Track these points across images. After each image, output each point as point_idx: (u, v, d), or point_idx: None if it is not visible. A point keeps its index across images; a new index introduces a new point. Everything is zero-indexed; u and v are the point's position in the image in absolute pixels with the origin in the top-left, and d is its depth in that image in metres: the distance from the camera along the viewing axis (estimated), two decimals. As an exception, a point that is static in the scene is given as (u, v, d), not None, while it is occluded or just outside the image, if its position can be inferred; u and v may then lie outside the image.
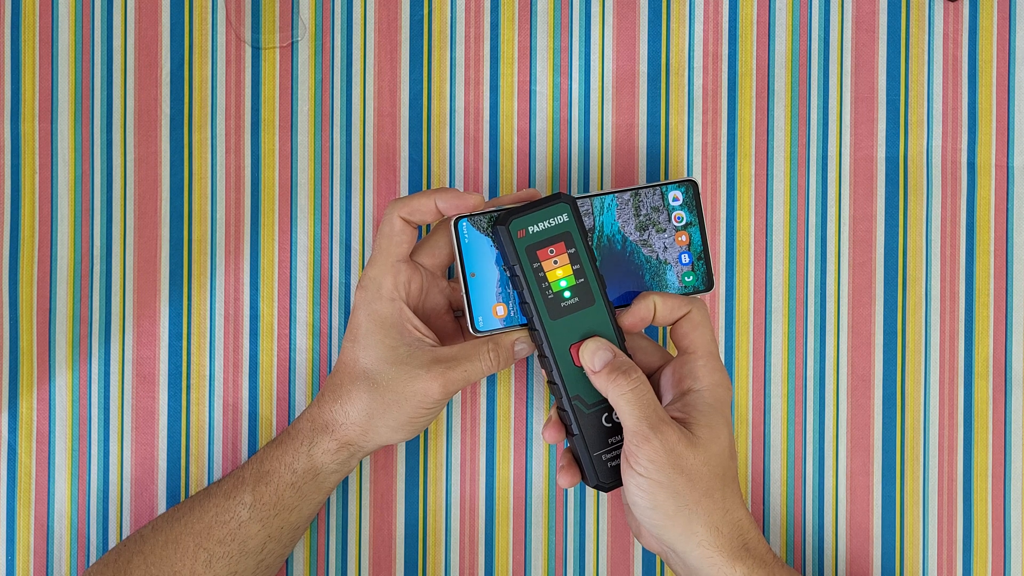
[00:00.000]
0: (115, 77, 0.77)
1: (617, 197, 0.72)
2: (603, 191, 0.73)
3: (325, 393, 0.71)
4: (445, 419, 0.78)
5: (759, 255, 0.78)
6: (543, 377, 0.77)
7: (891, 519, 0.78)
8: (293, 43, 0.77)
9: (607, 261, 0.72)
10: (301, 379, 0.77)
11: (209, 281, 0.77)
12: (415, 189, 0.78)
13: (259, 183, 0.77)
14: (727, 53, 0.78)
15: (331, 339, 0.77)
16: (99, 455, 0.77)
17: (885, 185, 0.78)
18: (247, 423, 0.77)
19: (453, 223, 0.70)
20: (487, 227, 0.70)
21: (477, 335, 0.70)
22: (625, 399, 0.67)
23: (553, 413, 0.72)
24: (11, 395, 0.77)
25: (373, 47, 0.78)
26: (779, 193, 0.78)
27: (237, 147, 0.77)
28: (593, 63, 0.78)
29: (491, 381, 0.78)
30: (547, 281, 0.69)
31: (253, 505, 0.70)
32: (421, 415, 0.70)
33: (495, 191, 0.78)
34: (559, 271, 0.69)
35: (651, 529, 0.68)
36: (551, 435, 0.71)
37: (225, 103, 0.77)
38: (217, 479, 0.75)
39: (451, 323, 0.74)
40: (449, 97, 0.78)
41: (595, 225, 0.71)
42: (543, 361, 0.70)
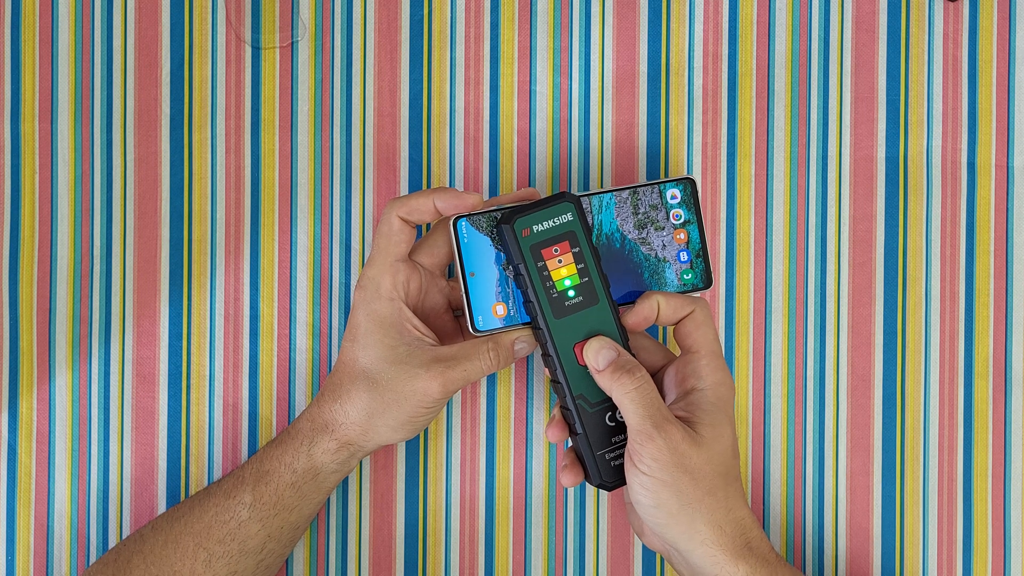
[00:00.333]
0: (115, 77, 0.77)
1: (615, 195, 0.72)
2: (601, 189, 0.74)
3: (325, 393, 0.71)
4: (445, 419, 0.78)
5: (759, 255, 0.78)
6: (545, 376, 0.77)
7: (891, 519, 0.78)
8: (293, 43, 0.78)
9: (606, 259, 0.72)
10: (301, 379, 0.77)
11: (209, 281, 0.77)
12: (415, 189, 0.78)
13: (259, 183, 0.77)
14: (727, 53, 0.78)
15: (331, 339, 0.77)
16: (99, 455, 0.77)
17: (885, 185, 0.78)
18: (247, 423, 0.77)
19: (452, 223, 0.70)
20: (486, 227, 0.70)
21: (477, 335, 0.70)
22: (629, 398, 0.67)
23: (556, 412, 0.71)
24: (11, 395, 0.77)
25: (373, 47, 0.78)
26: (779, 193, 0.78)
27: (237, 147, 0.77)
28: (593, 63, 0.78)
29: (491, 381, 0.78)
30: (551, 280, 0.69)
31: (253, 505, 0.70)
32: (421, 414, 0.70)
33: (495, 191, 0.78)
34: (563, 270, 0.69)
35: (654, 528, 0.68)
36: (554, 434, 0.71)
37: (225, 103, 0.77)
38: (217, 479, 0.75)
39: (450, 322, 0.74)
40: (449, 97, 0.78)
41: (593, 224, 0.71)
42: (547, 360, 0.70)
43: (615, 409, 0.70)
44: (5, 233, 0.77)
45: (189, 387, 0.77)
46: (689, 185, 0.73)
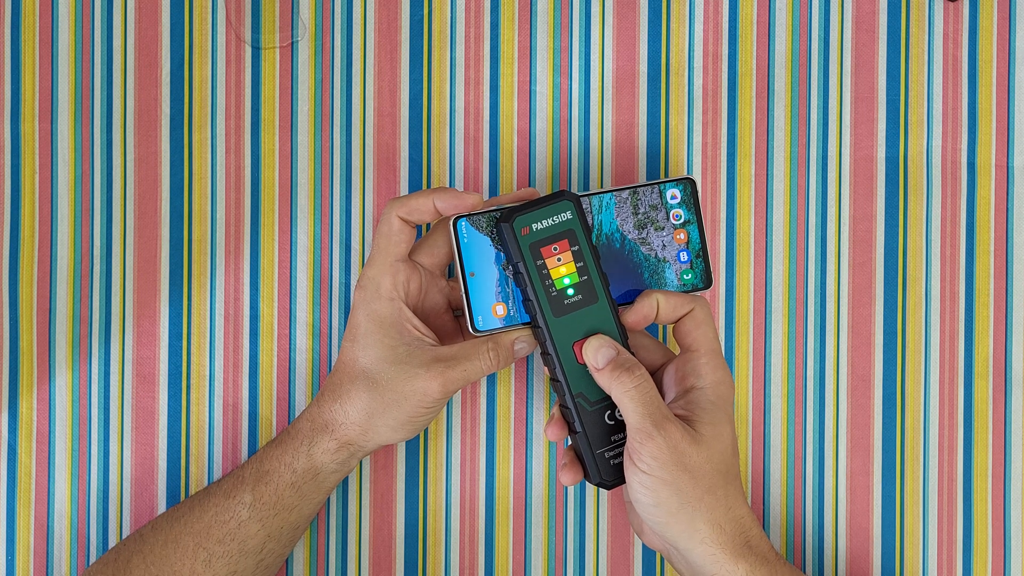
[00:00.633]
0: (115, 77, 0.77)
1: (615, 195, 0.72)
2: (601, 190, 0.73)
3: (325, 393, 0.71)
4: (445, 419, 0.78)
5: (759, 255, 0.78)
6: (545, 375, 0.77)
7: (891, 519, 0.78)
8: (293, 43, 0.78)
9: (605, 259, 0.72)
10: (301, 379, 0.77)
11: (209, 281, 0.77)
12: (415, 189, 0.78)
13: (259, 183, 0.77)
14: (727, 53, 0.78)
15: (331, 339, 0.77)
16: (99, 455, 0.77)
17: (885, 185, 0.78)
18: (247, 423, 0.77)
19: (452, 223, 0.70)
20: (486, 227, 0.70)
21: (477, 335, 0.70)
22: (629, 396, 0.67)
23: (555, 411, 0.71)
24: (11, 395, 0.77)
25: (373, 47, 0.78)
26: (779, 193, 0.78)
27: (237, 147, 0.77)
28: (593, 63, 0.78)
29: (491, 381, 0.78)
30: (551, 279, 0.69)
31: (253, 505, 0.70)
32: (421, 414, 0.70)
33: (495, 191, 0.78)
34: (562, 268, 0.69)
35: (654, 526, 0.68)
36: (554, 433, 0.71)
37: (225, 103, 0.77)
38: (217, 479, 0.75)
39: (450, 322, 0.74)
40: (449, 97, 0.78)
41: (593, 224, 0.71)
42: (546, 359, 0.70)
43: (614, 408, 0.70)
44: (5, 233, 0.77)
45: (189, 387, 0.77)
46: (689, 185, 0.73)
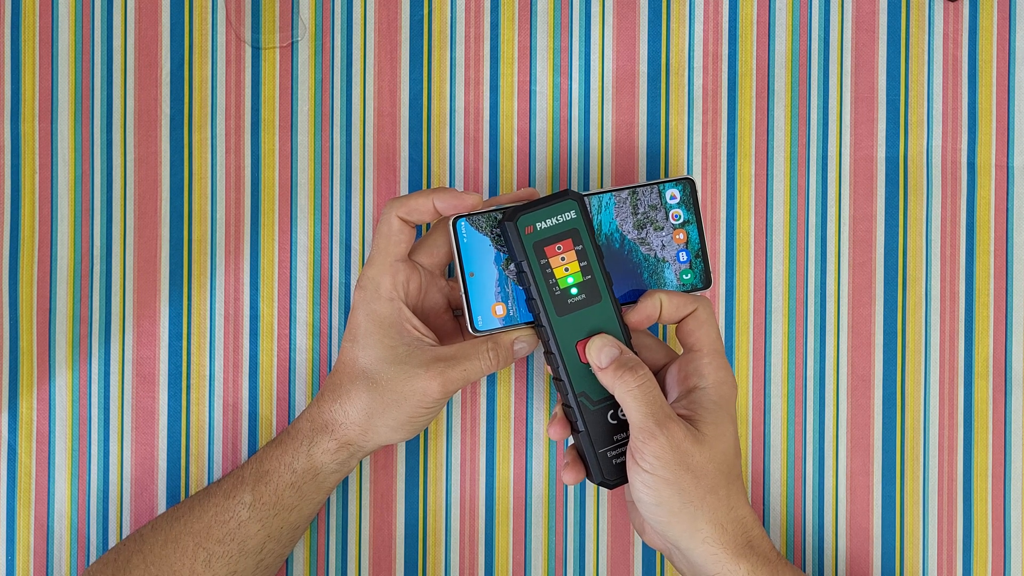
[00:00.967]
0: (115, 77, 0.77)
1: (615, 195, 0.72)
2: (601, 190, 0.73)
3: (325, 393, 0.71)
4: (445, 419, 0.78)
5: (759, 255, 0.78)
6: (546, 376, 0.77)
7: (891, 519, 0.77)
8: (293, 43, 0.78)
9: (605, 259, 0.72)
10: (301, 379, 0.77)
11: (209, 281, 0.77)
12: (415, 189, 0.78)
13: (259, 183, 0.77)
14: (727, 53, 0.78)
15: (331, 339, 0.77)
16: (99, 455, 0.77)
17: (885, 185, 0.78)
18: (247, 423, 0.77)
19: (452, 223, 0.70)
20: (486, 227, 0.70)
21: (476, 335, 0.70)
22: (632, 395, 0.67)
23: (558, 410, 0.72)
24: (11, 395, 0.77)
25: (373, 47, 0.78)
26: (779, 193, 0.78)
27: (237, 147, 0.77)
28: (593, 63, 0.78)
29: (491, 381, 0.78)
30: (554, 278, 0.69)
31: (253, 505, 0.70)
32: (420, 414, 0.70)
33: (495, 191, 0.78)
34: (566, 268, 0.69)
35: (655, 526, 0.68)
36: (556, 432, 0.71)
37: (225, 103, 0.77)
38: (217, 479, 0.75)
39: (450, 322, 0.74)
40: (449, 97, 0.78)
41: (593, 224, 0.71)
42: (549, 358, 0.70)
43: (617, 407, 0.70)
44: (5, 233, 0.77)
45: (189, 387, 0.77)
46: (688, 185, 0.73)
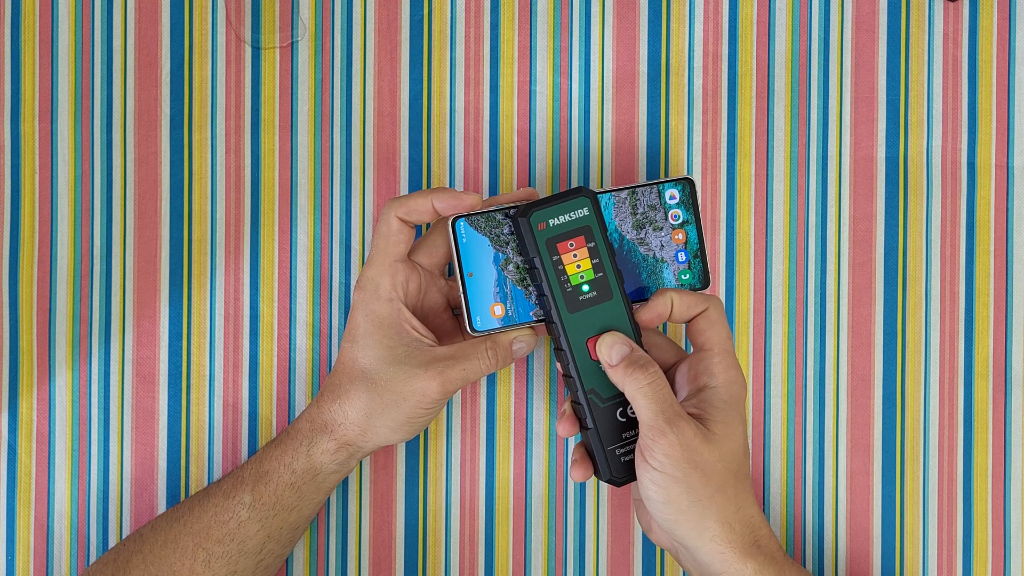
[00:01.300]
0: (115, 77, 0.77)
1: (614, 195, 0.72)
2: (600, 189, 0.73)
3: (324, 393, 0.71)
4: (445, 419, 0.78)
5: (759, 255, 0.78)
6: (548, 374, 0.77)
7: (891, 519, 0.77)
8: (293, 43, 0.78)
9: (605, 260, 0.72)
10: (301, 379, 0.77)
11: (209, 281, 0.77)
12: (415, 189, 0.78)
13: (259, 183, 0.77)
14: (727, 53, 0.78)
15: (331, 339, 0.77)
16: (99, 455, 0.77)
17: (885, 185, 0.78)
18: (247, 423, 0.77)
19: (451, 223, 0.70)
20: (485, 227, 0.70)
21: (475, 335, 0.70)
22: (642, 393, 0.67)
23: (567, 407, 0.72)
24: (11, 395, 0.77)
25: (373, 47, 0.78)
26: (779, 193, 0.78)
27: (237, 147, 0.77)
28: (593, 63, 0.78)
29: (491, 381, 0.78)
30: (566, 274, 0.69)
31: (252, 505, 0.70)
32: (420, 415, 0.70)
33: (495, 191, 0.78)
34: (578, 264, 0.69)
35: (663, 524, 0.68)
36: (565, 428, 0.71)
37: (225, 103, 0.77)
38: (217, 479, 0.75)
39: (450, 321, 0.74)
40: (449, 97, 0.78)
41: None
42: (559, 354, 0.70)
43: (627, 405, 0.70)
44: (5, 233, 0.77)
45: (189, 387, 0.77)
46: (687, 185, 0.73)
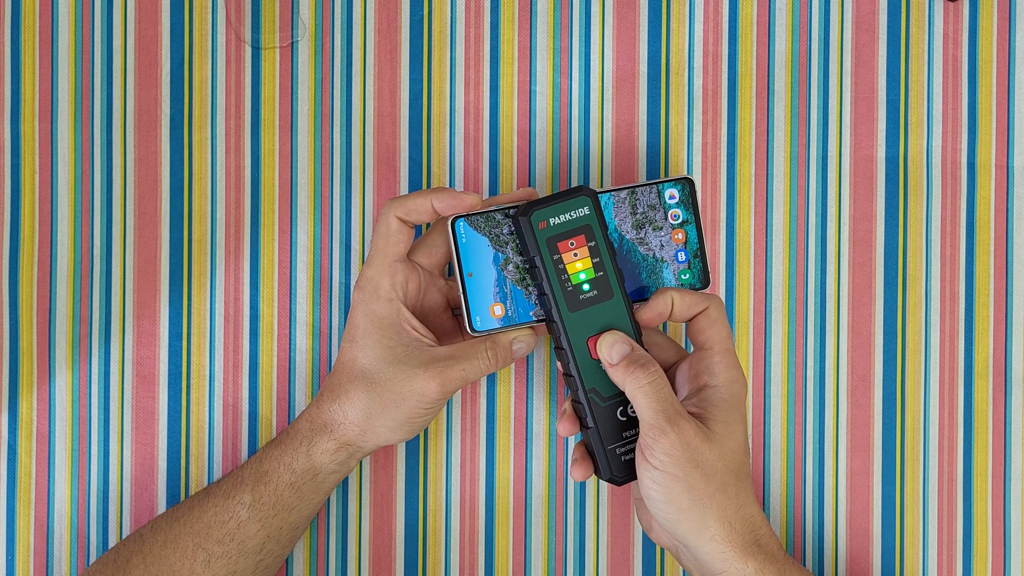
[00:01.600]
0: (115, 77, 0.77)
1: (614, 195, 0.72)
2: (599, 189, 0.74)
3: (324, 393, 0.71)
4: (445, 419, 0.78)
5: (759, 255, 0.78)
6: (548, 374, 0.77)
7: (891, 519, 0.77)
8: (293, 43, 0.78)
9: (604, 260, 0.72)
10: (301, 379, 0.77)
11: (209, 281, 0.77)
12: (415, 189, 0.78)
13: (259, 183, 0.77)
14: (727, 53, 0.78)
15: (331, 339, 0.77)
16: (99, 455, 0.77)
17: (885, 185, 0.78)
18: (247, 423, 0.77)
19: (450, 223, 0.70)
20: (484, 227, 0.70)
21: (474, 335, 0.70)
22: (643, 392, 0.67)
23: (568, 406, 0.72)
24: (11, 395, 0.77)
25: (373, 47, 0.78)
26: (779, 193, 0.78)
27: (237, 147, 0.77)
28: (593, 63, 0.78)
29: (491, 381, 0.78)
30: (567, 273, 0.69)
31: (252, 505, 0.70)
32: (419, 415, 0.70)
33: (495, 191, 0.78)
34: (579, 264, 0.69)
35: (664, 523, 0.68)
36: (566, 428, 0.71)
37: (225, 103, 0.77)
38: (217, 479, 0.75)
39: (449, 321, 0.74)
40: (449, 97, 0.78)
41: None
42: (559, 353, 0.70)
43: (627, 404, 0.70)
44: (5, 233, 0.77)
45: (189, 387, 0.77)
46: (687, 185, 0.72)
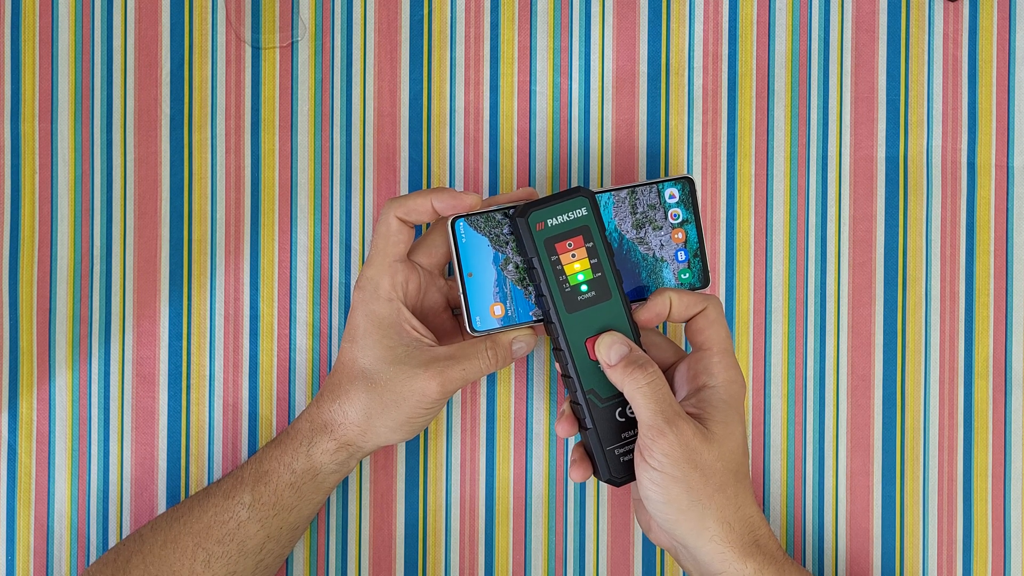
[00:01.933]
0: (115, 77, 0.77)
1: (613, 195, 0.72)
2: (599, 189, 0.73)
3: (324, 393, 0.71)
4: (445, 419, 0.78)
5: (759, 255, 0.78)
6: (548, 374, 0.77)
7: (891, 519, 0.77)
8: (293, 43, 0.78)
9: (604, 259, 0.72)
10: (301, 379, 0.77)
11: (209, 281, 0.77)
12: (415, 189, 0.78)
13: (259, 183, 0.77)
14: (727, 53, 0.78)
15: (331, 339, 0.77)
16: (99, 455, 0.77)
17: (885, 185, 0.78)
18: (247, 423, 0.77)
19: (450, 223, 0.70)
20: (484, 227, 0.70)
21: (474, 335, 0.70)
22: (641, 393, 0.67)
23: (566, 407, 0.72)
24: (11, 395, 0.77)
25: (373, 47, 0.78)
26: (779, 193, 0.78)
27: (237, 147, 0.77)
28: (593, 63, 0.78)
29: (491, 381, 0.78)
30: (564, 274, 0.69)
31: (252, 505, 0.70)
32: (419, 415, 0.70)
33: (495, 191, 0.78)
34: (577, 264, 0.69)
35: (663, 524, 0.68)
36: (564, 429, 0.71)
37: (225, 103, 0.77)
38: (217, 479, 0.75)
39: (449, 321, 0.74)
40: (449, 97, 0.78)
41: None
42: (558, 354, 0.70)
43: (625, 404, 0.70)
44: (5, 233, 0.77)
45: (189, 387, 0.77)
46: (687, 184, 0.73)
